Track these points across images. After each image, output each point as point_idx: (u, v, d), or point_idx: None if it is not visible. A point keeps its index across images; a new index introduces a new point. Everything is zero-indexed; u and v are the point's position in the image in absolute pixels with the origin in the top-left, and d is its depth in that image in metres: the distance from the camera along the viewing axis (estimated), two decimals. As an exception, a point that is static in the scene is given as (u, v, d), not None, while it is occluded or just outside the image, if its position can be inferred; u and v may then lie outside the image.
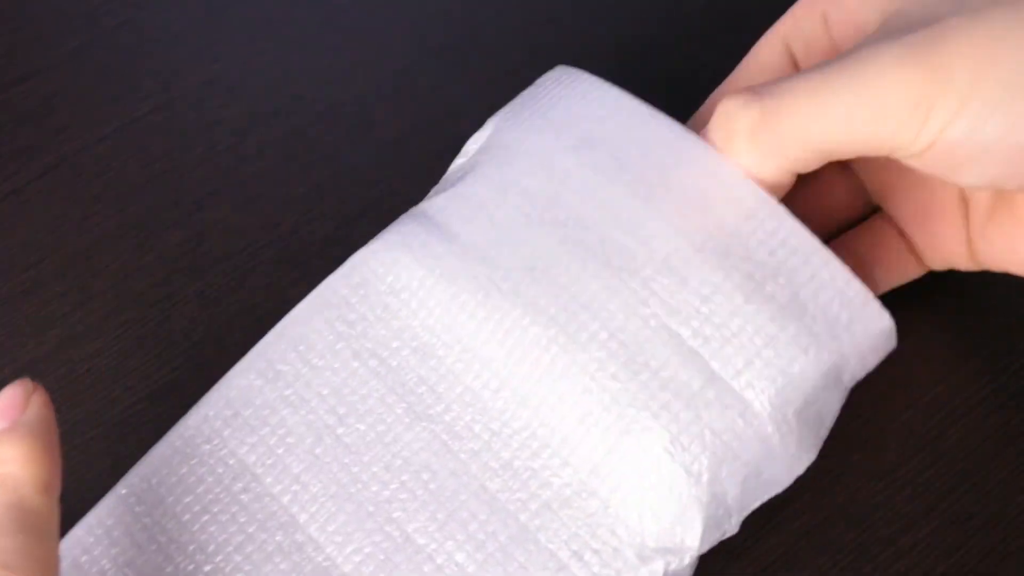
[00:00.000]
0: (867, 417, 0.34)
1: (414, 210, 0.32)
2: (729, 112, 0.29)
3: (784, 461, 0.29)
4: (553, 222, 0.30)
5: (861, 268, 0.32)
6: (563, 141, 0.31)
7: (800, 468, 0.30)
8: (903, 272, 0.33)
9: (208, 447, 0.30)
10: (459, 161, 0.33)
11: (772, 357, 0.28)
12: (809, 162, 0.29)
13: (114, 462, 0.34)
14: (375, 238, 0.32)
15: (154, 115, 0.39)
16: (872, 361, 0.30)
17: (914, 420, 0.34)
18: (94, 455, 0.34)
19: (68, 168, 0.38)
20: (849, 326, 0.29)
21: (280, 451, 0.30)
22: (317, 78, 0.39)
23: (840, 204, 0.34)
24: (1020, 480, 0.33)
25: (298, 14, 0.40)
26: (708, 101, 0.34)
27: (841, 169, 0.34)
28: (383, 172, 0.38)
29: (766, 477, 0.29)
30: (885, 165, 0.33)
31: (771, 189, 0.29)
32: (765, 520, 0.33)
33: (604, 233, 0.29)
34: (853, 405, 0.34)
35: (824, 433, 0.30)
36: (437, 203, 0.31)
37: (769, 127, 0.28)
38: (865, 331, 0.29)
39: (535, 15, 0.40)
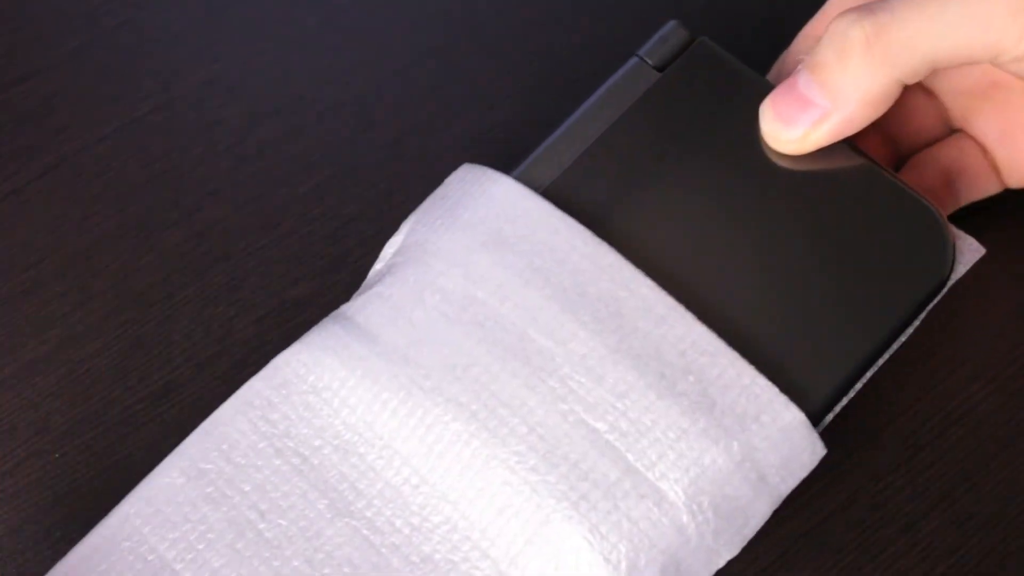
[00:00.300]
0: (867, 417, 0.34)
1: (335, 313, 0.32)
2: (842, 28, 0.30)
3: (702, 552, 0.30)
4: (472, 322, 0.31)
5: (944, 179, 0.34)
6: (476, 239, 0.32)
7: (720, 562, 0.30)
8: (983, 187, 0.35)
9: (128, 544, 0.30)
10: (377, 267, 0.33)
11: (685, 449, 0.30)
12: (918, 72, 0.31)
13: (114, 462, 0.34)
14: (297, 340, 0.32)
15: (154, 115, 0.39)
16: (794, 461, 0.30)
17: (914, 420, 0.34)
18: (94, 455, 0.34)
19: (68, 168, 0.38)
20: (758, 418, 0.30)
21: (200, 546, 0.30)
22: (317, 78, 0.39)
23: (923, 127, 0.36)
24: (1020, 480, 0.33)
25: (298, 14, 0.40)
26: (799, 37, 0.35)
27: (925, 94, 0.36)
28: (383, 172, 0.38)
29: (684, 568, 0.30)
30: (969, 89, 0.35)
31: (882, 99, 0.31)
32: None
33: (522, 333, 0.31)
34: (854, 405, 0.34)
35: (748, 533, 0.30)
36: (357, 305, 0.32)
37: (882, 40, 0.30)
38: (774, 422, 0.30)
39: (535, 15, 0.40)
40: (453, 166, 0.36)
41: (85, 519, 0.32)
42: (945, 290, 0.32)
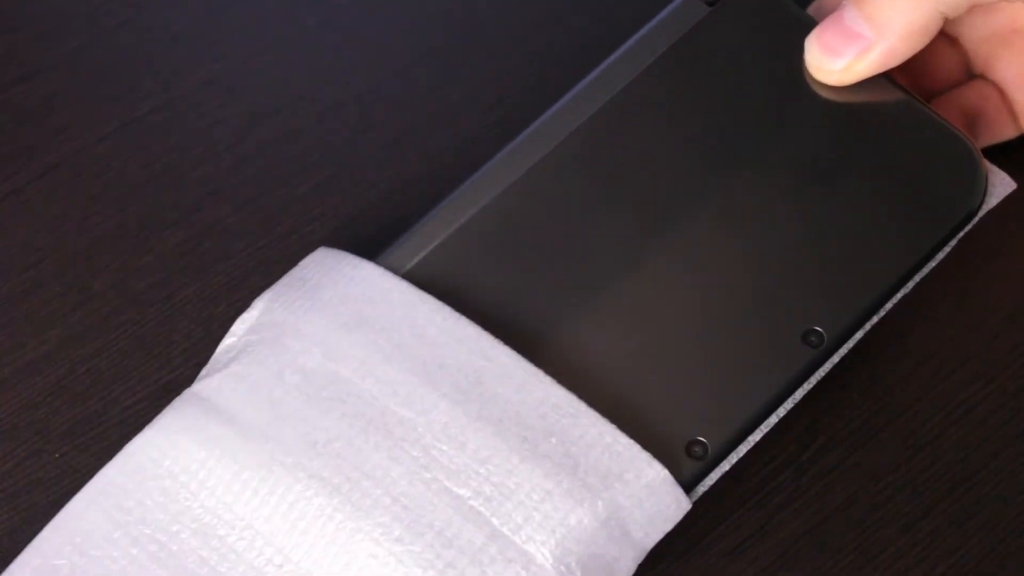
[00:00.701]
0: (867, 417, 0.34)
1: (187, 394, 0.32)
2: None
3: None
4: (333, 398, 0.31)
5: (963, 121, 0.36)
6: (337, 320, 0.32)
7: None
8: (1000, 131, 0.36)
9: None
10: (228, 341, 0.33)
11: (550, 511, 0.29)
12: (959, 5, 0.33)
13: (114, 462, 0.34)
14: (149, 425, 0.31)
15: (154, 115, 0.39)
16: (659, 516, 0.30)
17: (914, 420, 0.34)
18: (94, 455, 0.34)
19: (68, 168, 0.38)
20: (621, 476, 0.30)
21: None
22: (317, 78, 0.39)
23: (946, 72, 0.37)
24: (1020, 480, 0.33)
25: (298, 14, 0.40)
26: None
27: (949, 41, 0.37)
28: (383, 172, 0.38)
29: None
30: (990, 35, 0.36)
31: (923, 31, 0.33)
32: (765, 520, 0.33)
33: (384, 407, 0.31)
34: (853, 404, 0.34)
35: None
36: (212, 385, 0.31)
37: None
38: (638, 479, 0.30)
39: (535, 15, 0.40)
40: (453, 165, 0.36)
41: (85, 519, 0.33)
42: (976, 220, 0.33)
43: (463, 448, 0.30)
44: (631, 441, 0.30)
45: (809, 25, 0.34)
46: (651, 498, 0.30)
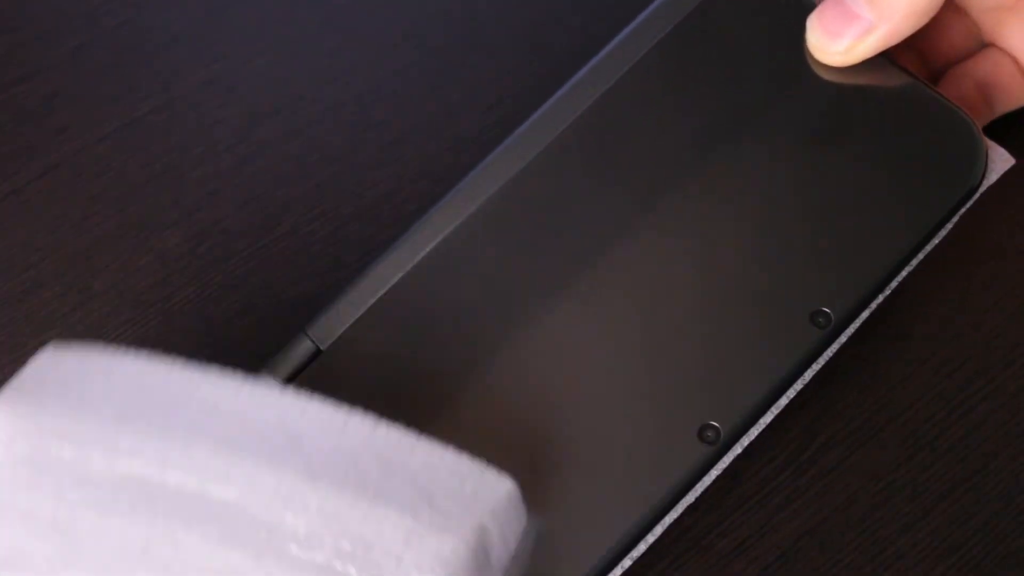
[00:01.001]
0: (868, 416, 0.34)
1: None
2: None
3: None
4: (135, 501, 0.26)
5: (979, 92, 0.36)
6: (107, 414, 0.27)
7: None
8: (1016, 96, 0.37)
9: None
10: None
11: (418, 547, 0.27)
12: None
13: (114, 462, 0.34)
14: None
15: (154, 115, 0.39)
16: (512, 539, 0.29)
17: (914, 419, 0.34)
18: (94, 455, 0.34)
19: (68, 168, 0.38)
20: (476, 495, 0.28)
21: None
22: (317, 78, 0.39)
23: (953, 43, 0.37)
24: (1020, 480, 0.33)
25: (298, 14, 0.40)
26: None
27: (955, 11, 0.37)
28: (383, 172, 0.38)
29: None
30: (997, 4, 0.36)
31: (926, 10, 0.33)
32: (765, 520, 0.33)
33: (200, 493, 0.27)
34: (853, 403, 0.34)
35: None
36: None
37: None
38: (492, 495, 0.28)
39: (535, 15, 0.40)
40: (453, 165, 0.36)
41: (85, 519, 0.32)
42: (977, 196, 0.33)
43: (305, 510, 0.27)
44: (475, 462, 0.28)
45: (809, 6, 0.34)
46: (508, 522, 0.28)
